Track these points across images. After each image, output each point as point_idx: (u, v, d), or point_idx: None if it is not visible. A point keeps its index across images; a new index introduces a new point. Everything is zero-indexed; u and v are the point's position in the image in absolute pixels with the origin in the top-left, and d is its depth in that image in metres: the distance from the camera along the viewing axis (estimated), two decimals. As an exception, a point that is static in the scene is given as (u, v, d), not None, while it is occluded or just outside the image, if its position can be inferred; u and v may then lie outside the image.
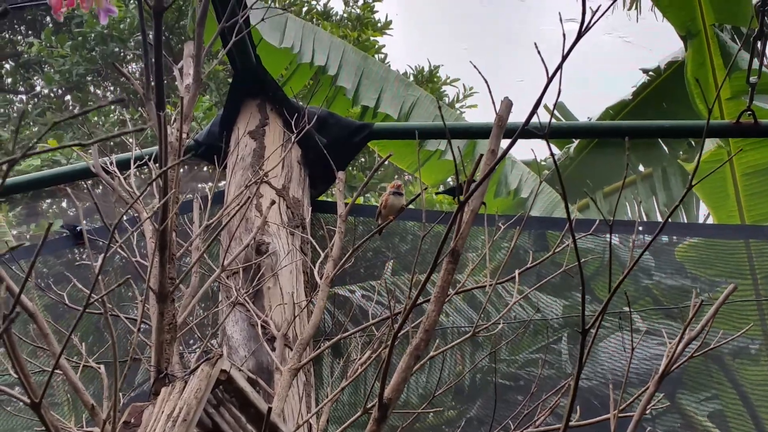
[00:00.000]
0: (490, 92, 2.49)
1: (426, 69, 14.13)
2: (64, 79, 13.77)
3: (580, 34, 2.14)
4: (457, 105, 14.36)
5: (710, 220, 9.30)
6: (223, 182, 4.99)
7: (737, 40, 8.77)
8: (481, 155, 2.61)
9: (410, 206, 5.31)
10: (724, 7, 8.14)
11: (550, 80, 1.95)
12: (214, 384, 2.37)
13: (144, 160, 3.73)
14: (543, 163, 11.06)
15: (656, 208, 9.57)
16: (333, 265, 3.32)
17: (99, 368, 3.12)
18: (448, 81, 14.27)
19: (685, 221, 9.79)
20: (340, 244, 3.37)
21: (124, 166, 4.19)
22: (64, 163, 11.08)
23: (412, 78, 13.84)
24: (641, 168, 9.97)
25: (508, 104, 2.85)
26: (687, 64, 8.15)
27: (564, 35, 2.06)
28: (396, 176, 11.59)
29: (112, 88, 14.53)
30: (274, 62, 6.76)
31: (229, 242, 4.42)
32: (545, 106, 11.34)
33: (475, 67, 2.74)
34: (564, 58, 2.06)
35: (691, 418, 5.35)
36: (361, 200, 10.54)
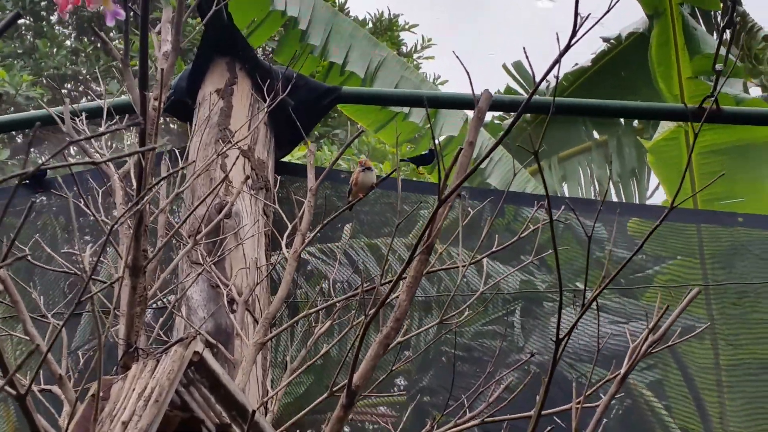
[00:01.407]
0: (468, 75, 2.50)
1: (386, 16, 14.05)
2: (16, 6, 13.45)
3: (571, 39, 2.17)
4: (415, 56, 14.32)
5: (661, 191, 9.43)
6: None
7: (701, 21, 8.86)
8: (460, 148, 2.64)
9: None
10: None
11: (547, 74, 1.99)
12: (186, 365, 2.40)
13: (115, 120, 3.69)
14: (497, 122, 11.11)
15: (609, 176, 9.67)
16: (301, 240, 3.34)
17: (57, 324, 3.13)
18: (407, 27, 14.20)
19: (637, 192, 9.92)
20: (309, 218, 3.39)
21: (92, 114, 4.17)
22: (13, 94, 10.87)
23: (371, 24, 13.76)
24: (596, 135, 10.07)
25: (487, 96, 2.88)
26: (651, 42, 8.21)
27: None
28: (363, 154, 11.52)
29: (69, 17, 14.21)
30: (245, 13, 6.70)
31: (191, 201, 4.42)
32: (504, 66, 11.40)
33: (455, 54, 2.75)
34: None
35: (631, 387, 5.46)
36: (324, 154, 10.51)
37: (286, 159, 5.29)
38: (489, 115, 10.49)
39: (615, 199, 9.68)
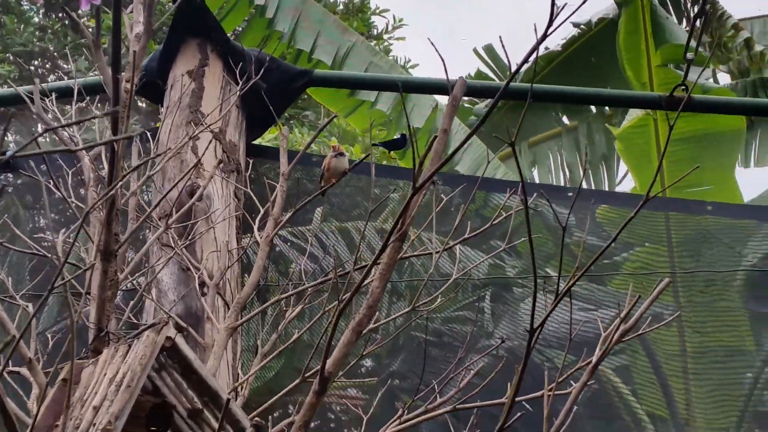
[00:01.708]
0: (443, 62, 2.50)
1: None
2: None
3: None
4: (386, 36, 14.27)
5: (629, 178, 9.47)
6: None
7: (671, 10, 8.90)
8: (435, 137, 2.64)
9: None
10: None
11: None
12: (158, 350, 2.39)
13: (86, 101, 3.66)
14: (467, 106, 11.10)
15: (579, 162, 9.70)
16: (273, 225, 3.33)
17: (27, 306, 3.12)
18: (378, 11, 14.16)
19: (606, 178, 9.97)
20: (281, 203, 3.37)
21: (61, 94, 4.12)
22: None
23: (342, 6, 13.70)
24: (566, 121, 10.09)
25: (462, 83, 2.87)
26: (620, 30, 8.23)
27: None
28: (334, 137, 11.48)
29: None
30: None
31: (162, 183, 4.40)
32: (474, 51, 11.39)
33: (429, 41, 2.74)
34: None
35: (599, 373, 5.50)
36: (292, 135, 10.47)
37: (257, 141, 5.28)
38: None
39: (585, 185, 9.71)
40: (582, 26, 10.12)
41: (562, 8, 2.19)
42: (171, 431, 2.46)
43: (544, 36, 2.24)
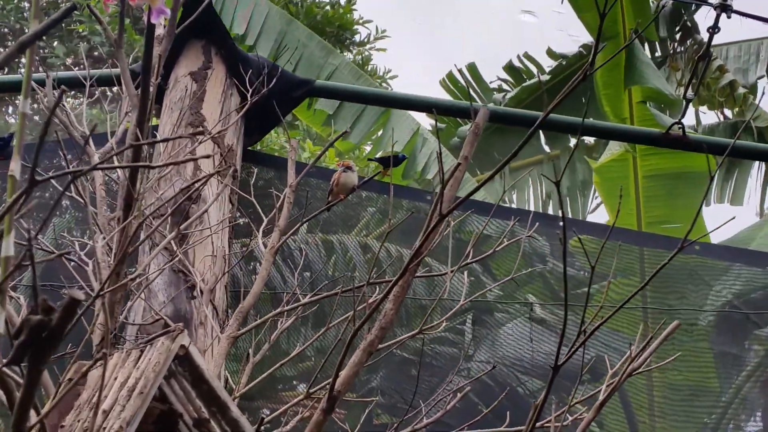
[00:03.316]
0: (470, 99, 2.51)
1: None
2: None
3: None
4: (368, 46, 14.24)
5: (603, 210, 9.54)
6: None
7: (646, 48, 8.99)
8: (458, 163, 2.64)
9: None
10: (641, 14, 8.34)
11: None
12: (172, 358, 2.37)
13: (96, 95, 3.63)
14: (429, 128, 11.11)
15: (558, 191, 9.73)
16: (279, 235, 3.32)
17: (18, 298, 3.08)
18: (361, 21, 14.13)
19: (580, 207, 10.04)
20: (287, 214, 3.36)
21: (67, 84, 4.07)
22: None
23: (329, 8, 13.64)
24: (547, 149, 10.15)
25: (485, 113, 2.88)
26: (598, 64, 8.28)
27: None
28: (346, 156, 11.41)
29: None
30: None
31: (158, 184, 4.36)
32: (459, 71, 11.40)
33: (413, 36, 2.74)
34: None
35: (567, 401, 5.51)
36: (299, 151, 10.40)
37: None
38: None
39: (560, 212, 9.79)
40: (568, 57, 10.21)
41: (598, 45, 2.21)
42: (176, 439, 2.44)
43: (584, 76, 2.25)
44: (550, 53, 10.52)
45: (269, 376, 3.42)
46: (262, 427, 3.09)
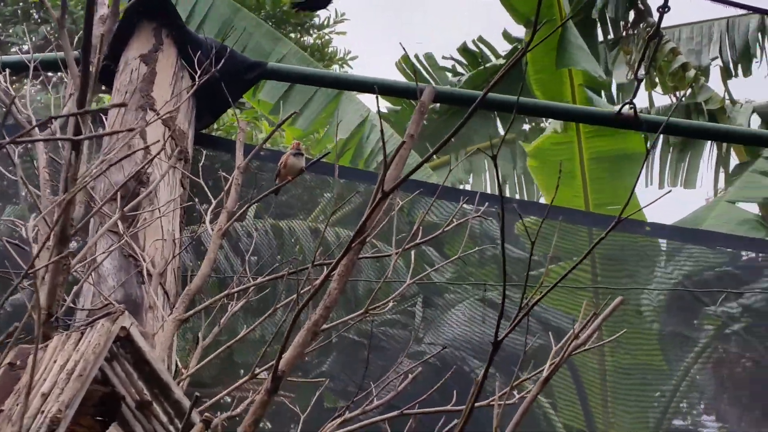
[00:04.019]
0: (415, 76, 2.48)
1: (299, -7, 13.81)
2: None
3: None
4: (327, 30, 14.17)
5: (543, 199, 9.56)
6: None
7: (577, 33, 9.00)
8: (403, 142, 2.60)
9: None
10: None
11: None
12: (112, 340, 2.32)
13: (41, 78, 3.56)
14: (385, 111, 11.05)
15: (515, 173, 9.77)
16: (227, 218, 3.27)
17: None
18: (321, 5, 14.02)
19: (535, 194, 10.06)
20: (236, 197, 3.31)
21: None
22: None
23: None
24: (502, 132, 10.15)
25: (431, 91, 2.85)
26: (528, 54, 8.28)
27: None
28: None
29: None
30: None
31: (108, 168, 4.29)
32: (415, 56, 11.38)
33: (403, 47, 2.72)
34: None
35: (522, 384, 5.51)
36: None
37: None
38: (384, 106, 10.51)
39: (518, 196, 9.81)
40: (518, 44, 10.22)
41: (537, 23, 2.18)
42: (118, 422, 2.39)
43: (525, 50, 2.23)
44: (506, 36, 10.51)
45: (228, 362, 3.38)
46: (210, 411, 3.06)
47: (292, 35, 13.76)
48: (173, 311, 3.13)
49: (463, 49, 10.58)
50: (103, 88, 5.13)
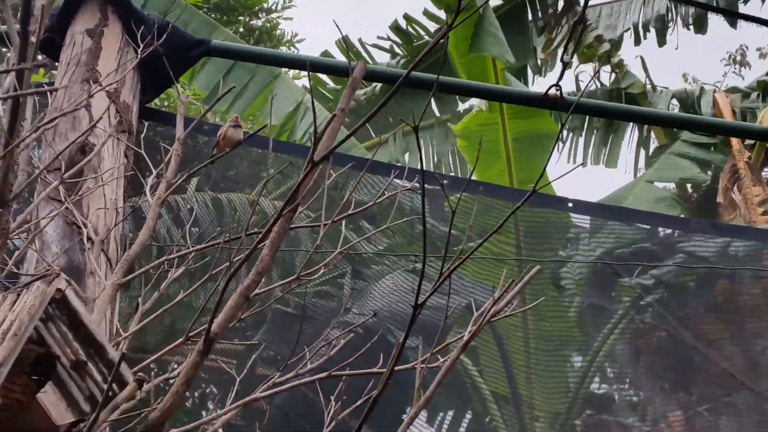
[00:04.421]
0: (348, 55, 2.45)
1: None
2: None
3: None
4: (275, 15, 14.08)
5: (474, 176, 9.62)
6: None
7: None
8: (334, 115, 2.57)
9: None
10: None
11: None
12: (48, 301, 2.27)
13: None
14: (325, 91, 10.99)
15: (449, 153, 9.79)
16: (166, 187, 3.22)
17: None
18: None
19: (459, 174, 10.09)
20: (175, 167, 3.26)
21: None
22: None
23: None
24: (438, 113, 10.15)
25: (362, 68, 2.81)
26: (451, 35, 8.26)
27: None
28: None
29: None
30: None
31: (53, 138, 4.21)
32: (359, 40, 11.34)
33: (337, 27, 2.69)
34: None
35: (451, 351, 5.52)
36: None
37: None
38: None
39: (452, 174, 9.82)
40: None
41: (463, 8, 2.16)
42: (53, 381, 2.34)
43: (450, 27, 2.22)
44: (427, 14, 10.44)
45: (171, 330, 3.34)
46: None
47: (241, 18, 13.68)
48: (112, 276, 3.08)
49: (396, 28, 10.52)
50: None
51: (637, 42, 10.62)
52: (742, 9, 10.80)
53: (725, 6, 10.13)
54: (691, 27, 10.85)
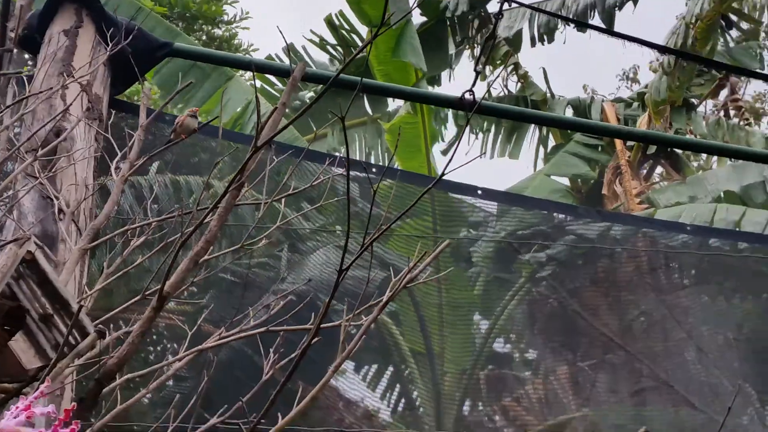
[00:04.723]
0: (289, 56, 2.42)
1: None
2: None
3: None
4: (233, 25, 13.95)
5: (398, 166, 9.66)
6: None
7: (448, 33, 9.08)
8: (275, 108, 2.55)
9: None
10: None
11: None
12: (19, 262, 2.21)
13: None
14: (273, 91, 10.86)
15: (379, 146, 9.77)
16: (129, 167, 3.16)
17: None
18: (230, 2, 13.83)
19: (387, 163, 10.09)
20: (137, 149, 3.20)
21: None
22: None
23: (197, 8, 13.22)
24: (371, 112, 10.12)
25: (301, 67, 2.79)
26: (376, 43, 8.28)
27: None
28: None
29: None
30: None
31: (32, 123, 4.11)
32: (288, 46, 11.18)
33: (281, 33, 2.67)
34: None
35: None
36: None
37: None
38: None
39: (381, 163, 9.80)
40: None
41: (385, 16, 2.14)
42: (23, 331, 2.29)
43: (366, 44, 2.20)
44: (351, 26, 10.27)
45: (134, 293, 3.27)
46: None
47: (205, 27, 13.55)
48: (79, 242, 3.02)
49: (329, 21, 10.39)
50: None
51: (533, 45, 10.60)
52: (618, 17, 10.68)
53: (603, 16, 10.17)
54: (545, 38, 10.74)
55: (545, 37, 10.45)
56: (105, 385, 2.26)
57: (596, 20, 10.13)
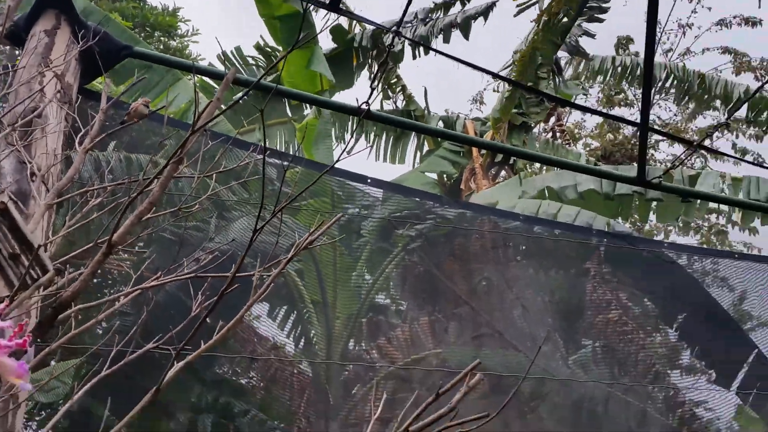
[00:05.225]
0: (224, 64, 2.36)
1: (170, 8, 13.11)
2: None
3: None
4: (185, 39, 13.52)
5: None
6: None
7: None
8: (210, 102, 2.49)
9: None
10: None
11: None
12: (-7, 211, 2.10)
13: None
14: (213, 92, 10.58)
15: (294, 141, 9.64)
16: (90, 140, 3.03)
17: None
18: (183, 19, 13.40)
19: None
20: (98, 128, 3.07)
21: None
22: None
23: (154, 19, 12.71)
24: (290, 115, 9.99)
25: (233, 72, 2.73)
26: (286, 67, 8.19)
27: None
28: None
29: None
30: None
31: (14, 101, 3.88)
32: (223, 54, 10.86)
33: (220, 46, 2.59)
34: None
35: (286, 273, 5.50)
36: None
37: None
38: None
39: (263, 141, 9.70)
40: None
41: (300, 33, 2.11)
42: (-5, 267, 2.17)
43: (280, 59, 2.17)
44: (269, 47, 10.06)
45: (96, 248, 3.12)
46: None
47: (163, 39, 13.13)
48: (45, 198, 2.88)
49: (258, 47, 10.16)
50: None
51: (414, 57, 10.39)
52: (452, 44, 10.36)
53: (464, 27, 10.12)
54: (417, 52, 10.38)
55: (422, 52, 10.42)
56: (60, 313, 2.17)
57: (458, 35, 9.94)
